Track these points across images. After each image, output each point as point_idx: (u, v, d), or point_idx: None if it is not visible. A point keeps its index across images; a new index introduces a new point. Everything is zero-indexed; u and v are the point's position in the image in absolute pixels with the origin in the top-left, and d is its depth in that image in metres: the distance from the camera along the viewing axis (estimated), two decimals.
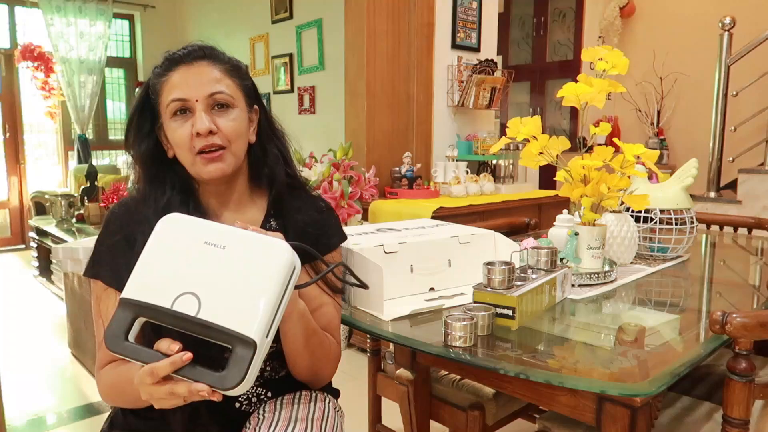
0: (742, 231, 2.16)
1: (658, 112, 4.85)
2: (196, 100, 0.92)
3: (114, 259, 0.94)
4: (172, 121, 0.94)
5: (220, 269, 0.75)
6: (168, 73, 0.94)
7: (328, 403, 1.03)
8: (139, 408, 0.96)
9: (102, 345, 0.94)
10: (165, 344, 0.74)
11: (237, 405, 1.00)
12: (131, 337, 0.76)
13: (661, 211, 1.56)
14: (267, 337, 0.72)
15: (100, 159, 6.39)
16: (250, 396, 1.01)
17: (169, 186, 0.98)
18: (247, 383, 0.71)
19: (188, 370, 0.72)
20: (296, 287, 0.80)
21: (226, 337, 0.71)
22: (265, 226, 1.04)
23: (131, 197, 1.01)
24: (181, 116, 0.93)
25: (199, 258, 0.76)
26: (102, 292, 0.95)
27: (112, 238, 0.96)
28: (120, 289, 0.91)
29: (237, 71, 0.98)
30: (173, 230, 0.80)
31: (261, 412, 0.98)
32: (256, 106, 1.03)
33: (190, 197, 0.99)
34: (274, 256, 0.75)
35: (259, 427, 0.92)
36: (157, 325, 0.76)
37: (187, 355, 0.72)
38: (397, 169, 3.20)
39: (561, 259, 1.23)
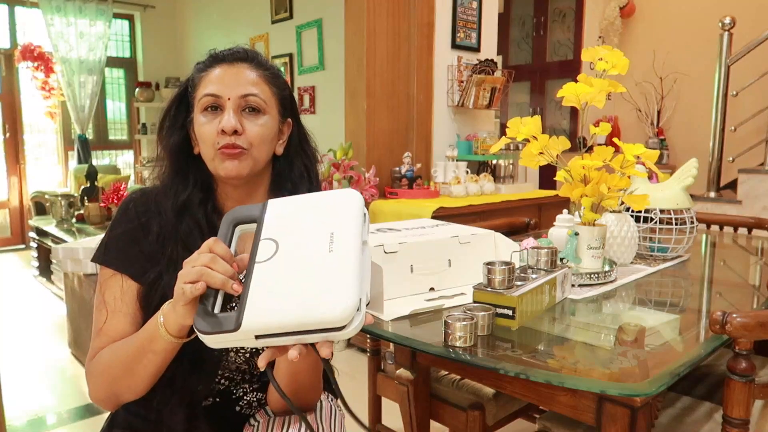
0: (742, 231, 2.16)
1: (658, 112, 4.85)
2: (228, 99, 0.93)
3: (124, 246, 0.93)
4: (201, 115, 0.94)
5: (314, 265, 0.69)
6: (208, 69, 0.96)
7: (332, 401, 1.04)
8: (135, 393, 0.88)
9: (100, 333, 0.90)
10: (243, 261, 0.73)
11: (237, 408, 1.00)
12: (233, 246, 0.76)
13: (661, 211, 1.55)
14: (257, 340, 0.68)
15: (100, 159, 6.39)
16: (251, 400, 1.01)
17: (191, 182, 0.98)
18: (210, 342, 0.68)
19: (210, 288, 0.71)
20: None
21: (238, 297, 0.69)
22: None
23: (152, 188, 1.01)
24: (211, 112, 0.94)
25: (322, 244, 0.71)
26: (109, 278, 0.93)
27: (126, 225, 0.95)
28: (128, 274, 0.91)
29: (275, 80, 0.99)
30: (349, 204, 0.75)
31: (268, 409, 0.98)
32: (289, 119, 1.02)
33: (210, 196, 0.99)
34: (338, 302, 0.66)
35: (271, 427, 0.91)
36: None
37: (236, 285, 0.70)
38: (397, 169, 3.20)
39: (561, 259, 1.23)
